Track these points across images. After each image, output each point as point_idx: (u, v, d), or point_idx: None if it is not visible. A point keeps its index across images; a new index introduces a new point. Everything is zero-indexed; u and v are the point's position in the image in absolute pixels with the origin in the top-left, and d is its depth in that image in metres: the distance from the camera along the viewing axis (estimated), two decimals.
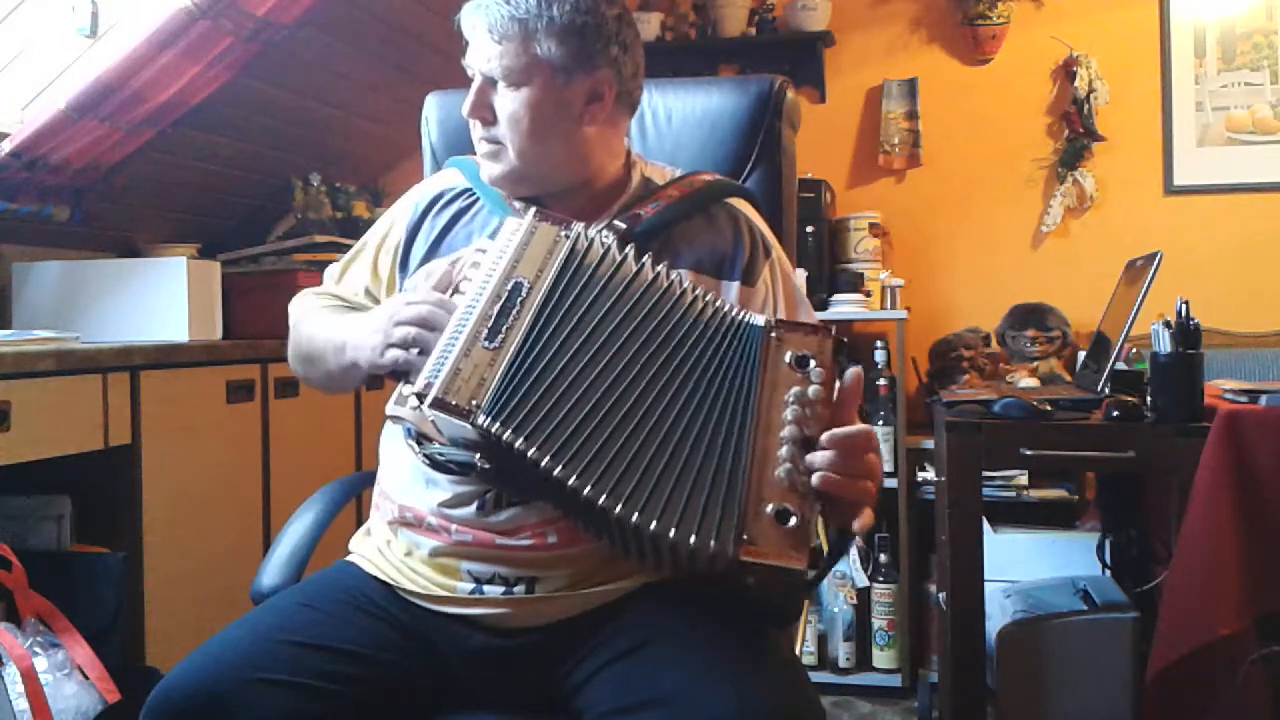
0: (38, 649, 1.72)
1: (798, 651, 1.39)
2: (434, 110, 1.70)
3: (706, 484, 1.07)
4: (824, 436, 1.08)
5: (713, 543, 1.05)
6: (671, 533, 1.05)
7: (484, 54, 1.28)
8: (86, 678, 1.72)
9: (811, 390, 1.10)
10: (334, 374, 1.36)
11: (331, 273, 1.51)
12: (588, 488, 1.06)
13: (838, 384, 1.13)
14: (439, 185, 1.44)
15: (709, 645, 1.13)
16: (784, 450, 1.07)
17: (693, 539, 1.05)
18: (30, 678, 1.62)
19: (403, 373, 1.22)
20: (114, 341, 2.26)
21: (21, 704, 1.60)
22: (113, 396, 2.05)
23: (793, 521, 1.04)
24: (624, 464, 1.07)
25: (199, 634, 2.07)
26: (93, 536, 2.06)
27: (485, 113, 1.30)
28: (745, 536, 1.04)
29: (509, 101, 1.28)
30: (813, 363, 1.11)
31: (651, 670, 1.13)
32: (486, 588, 1.23)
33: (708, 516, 1.06)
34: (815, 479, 1.06)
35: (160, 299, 2.39)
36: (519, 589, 1.22)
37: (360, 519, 1.49)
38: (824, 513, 1.10)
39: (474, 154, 1.38)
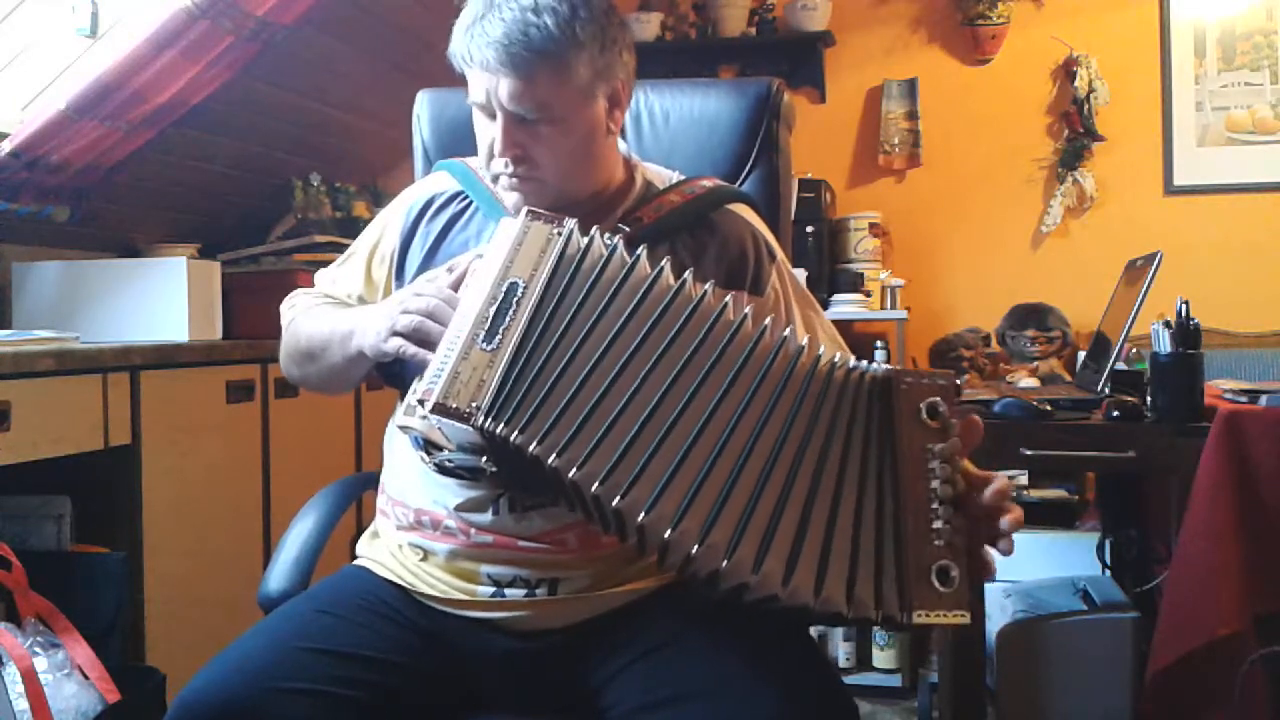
0: (38, 649, 1.71)
1: None
2: (425, 108, 1.65)
3: (850, 539, 1.03)
4: (989, 493, 1.07)
5: (874, 608, 1.01)
6: (752, 575, 1.00)
7: (503, 91, 1.20)
8: (86, 678, 1.72)
9: (950, 444, 1.06)
10: (337, 366, 1.32)
11: (322, 278, 1.48)
12: (595, 484, 1.01)
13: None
14: (430, 189, 1.40)
15: (737, 642, 1.13)
16: (940, 509, 1.05)
17: (838, 600, 1.01)
18: (30, 678, 1.62)
19: (398, 373, 1.21)
20: (114, 341, 2.25)
21: (21, 704, 1.60)
22: (113, 396, 2.05)
23: (955, 581, 1.03)
24: (641, 463, 1.02)
25: (199, 634, 2.06)
26: (93, 536, 2.06)
27: (517, 150, 1.24)
28: (915, 602, 1.02)
29: (543, 136, 1.23)
30: (942, 411, 1.07)
31: (678, 666, 1.13)
32: (508, 590, 1.22)
33: (857, 577, 1.01)
34: (1003, 545, 1.06)
35: (160, 299, 2.39)
36: (541, 590, 1.22)
37: (360, 521, 1.47)
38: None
39: (460, 156, 1.35)
